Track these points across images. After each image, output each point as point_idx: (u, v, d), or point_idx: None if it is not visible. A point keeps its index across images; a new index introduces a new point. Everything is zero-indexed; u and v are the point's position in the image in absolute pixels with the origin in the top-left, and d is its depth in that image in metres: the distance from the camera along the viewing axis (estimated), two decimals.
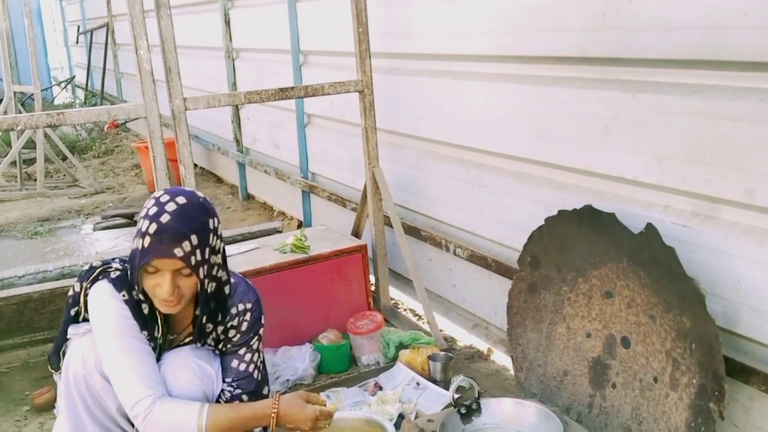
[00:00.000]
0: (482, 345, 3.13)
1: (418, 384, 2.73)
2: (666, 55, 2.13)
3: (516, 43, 2.70)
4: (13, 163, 7.35)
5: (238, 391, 2.09)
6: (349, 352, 3.10)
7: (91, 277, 1.98)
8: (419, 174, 3.46)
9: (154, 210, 1.87)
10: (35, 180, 7.27)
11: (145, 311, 1.97)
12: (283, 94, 3.10)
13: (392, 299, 3.60)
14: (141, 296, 1.95)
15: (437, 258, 3.39)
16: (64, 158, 7.62)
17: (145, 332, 1.97)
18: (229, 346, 2.11)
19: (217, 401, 2.08)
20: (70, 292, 2.05)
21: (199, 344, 2.06)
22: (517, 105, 2.74)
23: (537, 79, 2.63)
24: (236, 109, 5.74)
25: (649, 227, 2.08)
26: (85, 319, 2.03)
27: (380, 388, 2.76)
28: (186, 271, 1.87)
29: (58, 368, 2.08)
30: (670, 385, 2.08)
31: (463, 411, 2.12)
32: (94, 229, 5.80)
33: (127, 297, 1.95)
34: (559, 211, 2.36)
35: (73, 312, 2.04)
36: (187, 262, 1.85)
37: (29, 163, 7.73)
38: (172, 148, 2.94)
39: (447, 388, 2.66)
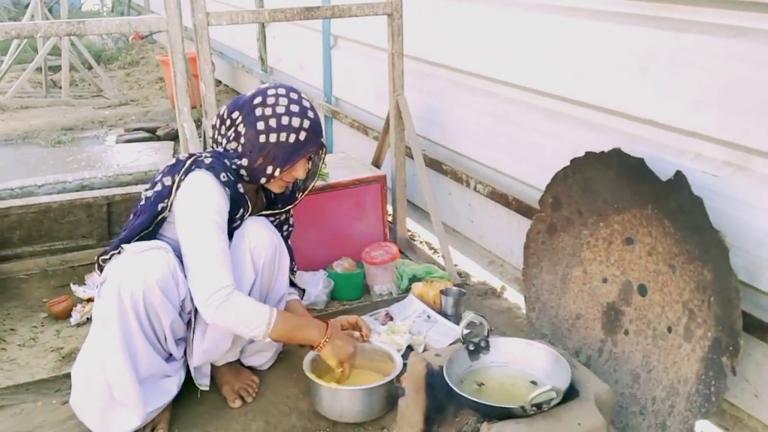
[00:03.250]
0: (496, 282, 3.11)
1: (428, 317, 2.73)
2: None
3: None
4: (39, 70, 7.33)
5: None
6: (362, 281, 3.11)
7: (184, 169, 2.06)
8: (444, 105, 3.37)
9: (295, 107, 2.12)
10: (60, 88, 7.25)
11: (241, 190, 2.13)
12: (308, 13, 2.99)
13: (408, 231, 3.58)
14: (246, 179, 2.15)
15: (457, 193, 3.33)
16: (90, 67, 7.57)
17: (241, 210, 2.15)
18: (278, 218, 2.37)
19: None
20: (157, 188, 2.10)
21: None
22: (553, 39, 2.63)
23: (575, 12, 2.51)
24: (262, 26, 5.62)
25: (678, 175, 2.00)
26: (164, 219, 2.11)
27: (391, 319, 2.76)
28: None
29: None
30: (684, 336, 2.05)
31: (472, 348, 2.10)
32: (117, 142, 5.81)
33: (225, 179, 2.07)
34: (586, 153, 2.28)
35: (160, 207, 2.09)
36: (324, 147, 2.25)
37: (55, 70, 7.70)
38: (195, 63, 2.87)
39: (457, 323, 2.66)
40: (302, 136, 2.12)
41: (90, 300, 2.96)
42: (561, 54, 2.59)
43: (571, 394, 1.88)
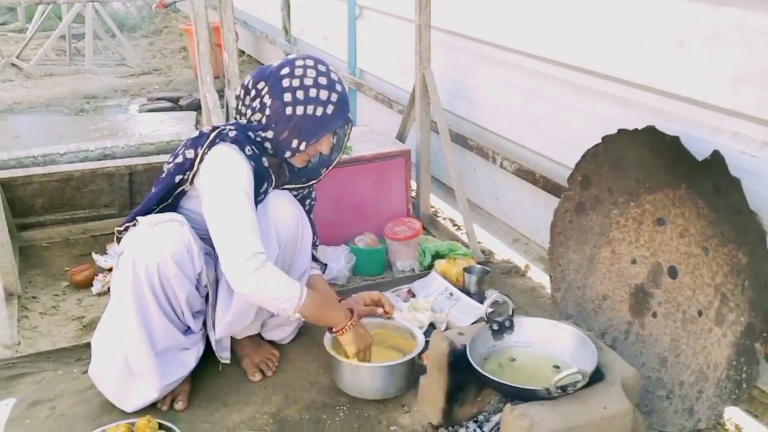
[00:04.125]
0: (520, 261, 3.06)
1: (451, 294, 2.69)
2: None
3: None
4: (63, 37, 7.32)
5: None
6: (384, 257, 3.07)
7: (207, 142, 2.02)
8: (471, 79, 3.30)
9: (323, 80, 2.06)
10: (83, 56, 7.24)
11: (265, 164, 2.09)
12: None
13: (432, 207, 3.53)
14: (269, 152, 2.11)
15: (482, 169, 3.27)
16: (113, 35, 7.54)
17: (265, 184, 2.12)
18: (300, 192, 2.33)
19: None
20: (178, 160, 2.06)
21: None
22: (585, 11, 2.54)
23: None
24: None
25: (715, 154, 1.93)
26: (184, 192, 2.08)
27: (413, 295, 2.73)
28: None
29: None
30: (715, 320, 1.99)
31: (495, 327, 2.07)
32: (139, 111, 5.79)
33: (250, 152, 2.04)
34: (619, 130, 2.21)
35: (178, 179, 2.06)
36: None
37: (78, 38, 7.68)
38: (218, 33, 2.83)
39: (480, 301, 2.62)
40: (330, 109, 2.06)
41: (111, 270, 2.95)
42: (593, 27, 2.51)
43: (596, 376, 1.85)
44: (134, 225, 2.04)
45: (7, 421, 2.08)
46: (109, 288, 2.80)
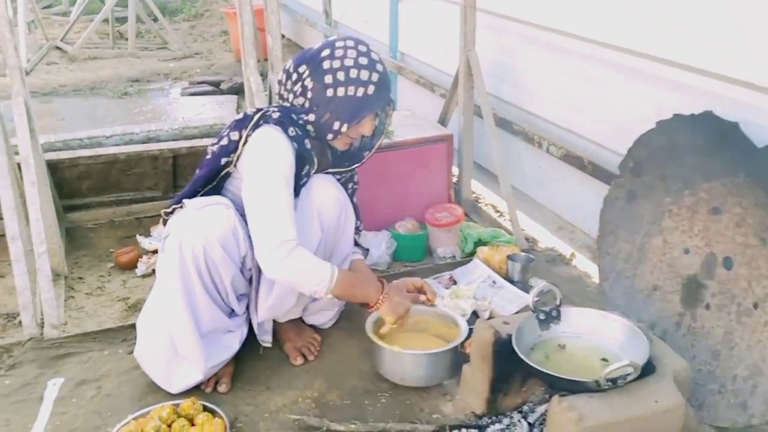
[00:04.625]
0: (565, 249, 3.00)
1: (494, 282, 2.65)
2: None
3: None
4: (106, 21, 7.40)
5: None
6: (425, 243, 3.04)
7: (252, 124, 2.02)
8: (517, 62, 3.23)
9: (364, 60, 2.03)
10: (126, 39, 7.32)
11: (308, 146, 2.08)
12: None
13: (474, 193, 3.48)
14: (312, 135, 2.10)
15: (527, 154, 3.21)
16: (155, 19, 7.60)
17: (307, 166, 2.10)
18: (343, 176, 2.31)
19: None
20: (223, 142, 2.07)
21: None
22: None
23: None
24: None
25: None
26: (228, 174, 2.09)
27: (455, 283, 2.70)
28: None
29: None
30: None
31: (542, 317, 2.03)
32: (181, 94, 5.83)
33: (293, 134, 2.04)
34: (674, 115, 2.13)
35: (223, 161, 2.07)
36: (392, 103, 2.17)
37: (121, 21, 7.77)
38: (260, 16, 2.82)
39: (524, 290, 2.58)
40: (370, 90, 2.04)
41: (155, 251, 2.98)
42: (646, 8, 2.42)
43: (647, 369, 1.80)
44: (181, 207, 2.05)
45: (55, 400, 2.11)
46: (153, 270, 2.85)
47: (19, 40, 5.83)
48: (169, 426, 1.91)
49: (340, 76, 2.01)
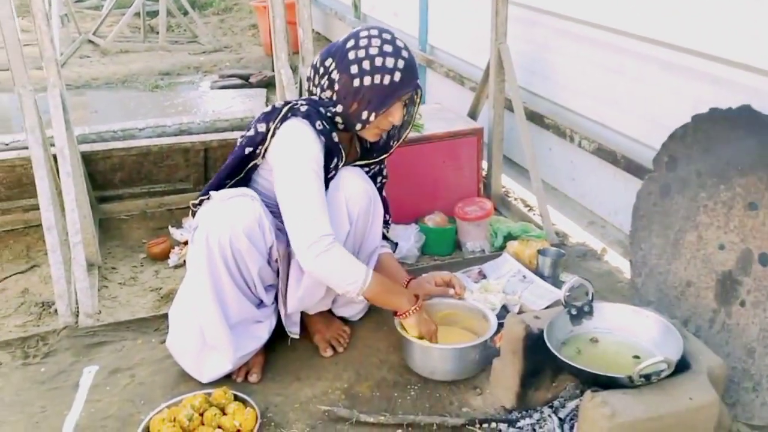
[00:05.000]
0: (596, 244, 2.97)
1: (524, 277, 2.63)
2: None
3: None
4: (137, 15, 7.48)
5: None
6: (454, 237, 3.04)
7: (280, 116, 2.03)
8: (549, 55, 3.20)
9: (389, 47, 2.02)
10: (157, 33, 7.39)
11: (336, 139, 2.08)
12: None
13: (503, 187, 3.46)
14: (341, 127, 2.10)
15: (558, 148, 3.18)
16: (185, 13, 7.66)
17: (335, 159, 2.10)
18: (372, 169, 2.31)
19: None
20: (250, 133, 2.08)
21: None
22: None
23: None
24: None
25: None
26: (256, 166, 2.10)
27: (484, 277, 2.69)
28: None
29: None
30: None
31: (574, 312, 2.01)
32: (211, 88, 5.88)
33: (321, 127, 2.04)
34: (711, 109, 2.10)
35: (247, 151, 2.08)
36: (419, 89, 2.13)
37: (152, 15, 7.85)
38: (291, 9, 2.83)
39: (555, 285, 2.56)
40: (397, 76, 2.03)
41: (187, 243, 3.01)
42: (682, 1, 2.38)
43: (681, 366, 1.78)
44: (208, 199, 2.07)
45: (90, 387, 2.15)
46: (184, 261, 2.87)
47: (54, 34, 5.94)
48: (201, 415, 1.94)
49: (366, 65, 2.01)
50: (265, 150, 2.06)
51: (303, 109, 2.04)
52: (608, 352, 1.95)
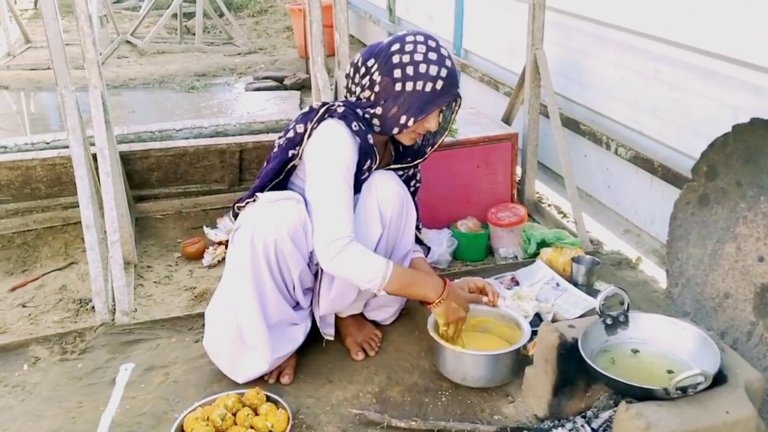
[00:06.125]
0: (631, 252, 2.94)
1: (557, 284, 2.61)
2: None
3: None
4: (174, 16, 7.59)
5: None
6: (486, 242, 3.02)
7: (317, 117, 2.05)
8: (586, 61, 3.17)
9: (433, 55, 2.02)
10: (194, 34, 7.49)
11: (371, 141, 2.08)
12: None
13: (537, 193, 3.44)
14: (377, 129, 2.10)
15: (594, 155, 3.15)
16: (222, 14, 7.75)
17: (369, 161, 2.10)
18: (406, 172, 2.32)
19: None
20: (289, 135, 2.10)
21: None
22: None
23: None
24: None
25: None
26: (294, 167, 2.12)
27: (517, 284, 2.67)
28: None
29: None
30: None
31: (609, 322, 1.99)
32: (246, 89, 5.94)
33: (357, 128, 2.04)
34: (752, 119, 2.06)
35: (290, 153, 2.10)
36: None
37: (189, 17, 7.95)
38: (326, 12, 2.84)
39: (588, 293, 2.54)
40: (439, 85, 2.03)
41: (221, 243, 3.05)
42: (725, 7, 2.35)
43: (718, 379, 1.76)
44: (254, 201, 2.09)
45: (126, 384, 2.18)
46: (219, 261, 2.91)
47: (95, 35, 6.07)
48: (234, 414, 1.95)
49: (410, 70, 2.02)
50: (303, 150, 2.08)
51: (340, 110, 2.05)
52: (643, 363, 1.92)
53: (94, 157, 2.78)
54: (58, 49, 2.61)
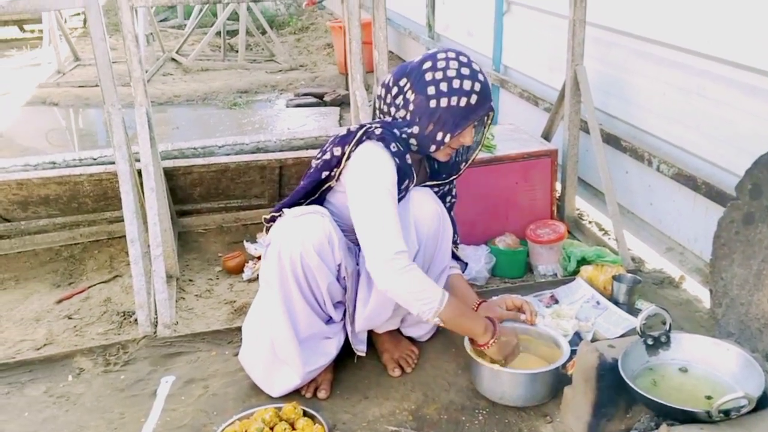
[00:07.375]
0: (674, 271, 2.88)
1: (598, 303, 2.58)
2: None
3: None
4: (218, 34, 7.74)
5: None
6: (525, 259, 3.00)
7: (355, 140, 2.06)
8: (627, 77, 3.14)
9: (465, 70, 2.04)
10: (236, 51, 7.63)
11: (408, 161, 2.10)
12: None
13: (577, 210, 3.40)
14: (414, 148, 2.11)
15: (636, 172, 3.11)
16: (264, 32, 7.88)
17: (407, 181, 2.12)
18: (441, 189, 2.32)
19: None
20: (326, 156, 2.11)
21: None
22: (761, 2, 2.34)
23: None
24: None
25: None
26: (330, 188, 2.15)
27: (556, 302, 2.64)
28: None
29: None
30: None
31: (650, 342, 1.96)
32: (287, 106, 6.02)
33: (395, 149, 2.06)
34: None
35: (324, 175, 2.12)
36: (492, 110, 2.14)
37: (232, 34, 8.10)
38: (366, 29, 2.87)
39: (629, 312, 2.50)
40: (473, 99, 2.04)
41: (260, 257, 3.08)
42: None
43: (762, 402, 1.71)
44: (281, 216, 2.12)
45: (167, 397, 2.22)
46: (258, 275, 2.94)
47: (141, 54, 6.24)
48: (272, 429, 1.97)
49: (443, 87, 2.03)
50: (340, 173, 2.10)
51: (377, 132, 2.06)
52: (686, 384, 1.88)
53: (140, 172, 2.84)
54: (106, 68, 2.69)
